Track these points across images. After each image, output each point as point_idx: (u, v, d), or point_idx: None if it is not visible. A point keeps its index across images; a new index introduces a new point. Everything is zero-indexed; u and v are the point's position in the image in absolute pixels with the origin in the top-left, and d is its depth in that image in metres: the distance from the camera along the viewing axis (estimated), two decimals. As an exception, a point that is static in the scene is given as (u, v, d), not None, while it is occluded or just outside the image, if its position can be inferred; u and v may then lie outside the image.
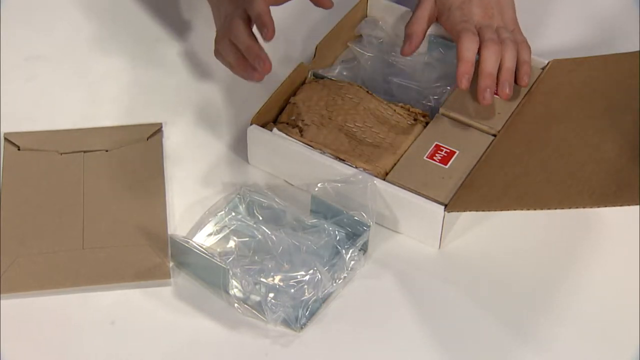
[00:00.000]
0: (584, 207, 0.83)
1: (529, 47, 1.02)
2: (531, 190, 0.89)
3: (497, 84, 0.99)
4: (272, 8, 1.08)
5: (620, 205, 0.81)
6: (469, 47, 0.98)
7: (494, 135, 0.99)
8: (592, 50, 1.06)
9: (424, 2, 1.05)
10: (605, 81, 1.00)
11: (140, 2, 1.18)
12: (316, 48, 1.04)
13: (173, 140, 1.03)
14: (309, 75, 1.04)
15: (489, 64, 0.98)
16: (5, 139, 1.02)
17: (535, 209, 0.86)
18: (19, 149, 1.01)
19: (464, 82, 0.98)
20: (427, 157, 0.97)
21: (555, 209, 0.85)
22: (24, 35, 1.14)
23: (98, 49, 1.13)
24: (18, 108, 1.06)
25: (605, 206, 0.82)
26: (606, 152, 0.89)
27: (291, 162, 0.97)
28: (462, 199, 0.92)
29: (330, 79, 1.04)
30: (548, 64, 1.05)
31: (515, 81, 1.01)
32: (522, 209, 0.87)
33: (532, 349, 0.88)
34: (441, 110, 1.01)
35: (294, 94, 1.02)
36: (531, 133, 0.97)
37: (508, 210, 0.88)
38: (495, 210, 0.90)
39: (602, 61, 1.03)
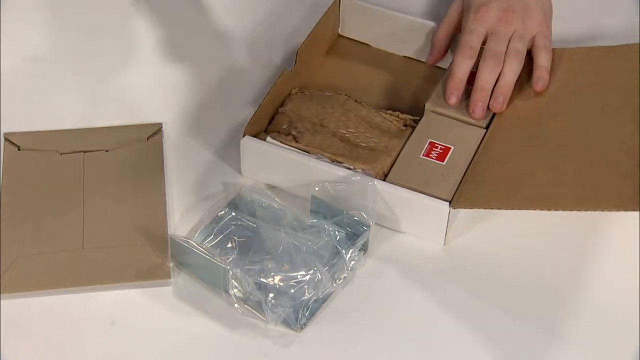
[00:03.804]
0: (601, 210, 0.84)
1: (549, 53, 1.01)
2: (542, 191, 0.89)
3: (490, 96, 0.99)
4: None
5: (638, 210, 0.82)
6: (460, 65, 0.99)
7: (486, 128, 0.99)
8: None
9: (451, 7, 1.06)
10: (599, 74, 1.00)
11: (141, 3, 1.18)
12: (297, 54, 1.04)
13: (173, 141, 1.03)
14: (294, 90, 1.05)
15: (483, 78, 0.99)
16: (5, 139, 1.02)
17: (549, 210, 0.86)
18: (19, 149, 1.01)
19: (452, 99, 0.99)
20: (423, 155, 0.97)
21: (571, 210, 0.85)
22: (24, 35, 1.14)
23: (98, 48, 1.13)
24: (18, 108, 1.06)
25: (626, 210, 0.82)
26: (614, 154, 0.89)
27: (288, 170, 0.97)
28: (467, 195, 0.92)
29: (317, 90, 1.04)
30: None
31: (533, 86, 1.00)
32: (534, 209, 0.87)
33: (538, 346, 0.88)
34: (427, 105, 1.01)
35: (282, 104, 1.02)
36: (528, 128, 0.97)
37: (519, 209, 0.89)
38: (506, 209, 0.90)
39: (584, 53, 1.03)
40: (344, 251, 0.91)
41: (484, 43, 1.01)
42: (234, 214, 0.95)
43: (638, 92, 0.94)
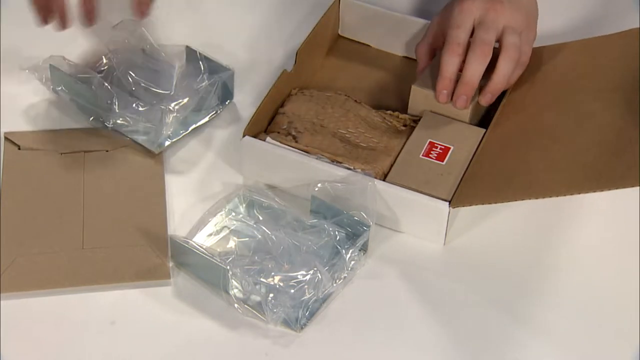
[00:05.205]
0: (593, 192, 0.84)
1: (524, 62, 1.00)
2: (536, 179, 0.89)
3: (480, 90, 0.98)
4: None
5: (631, 187, 0.81)
6: (448, 64, 0.97)
7: (485, 128, 0.99)
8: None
9: (433, 19, 1.04)
10: (589, 65, 1.00)
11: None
12: (297, 54, 1.04)
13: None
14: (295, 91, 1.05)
15: (470, 72, 0.96)
16: (6, 138, 1.02)
17: (543, 197, 0.86)
18: (19, 149, 1.01)
19: (442, 97, 0.98)
20: (423, 156, 0.97)
21: (564, 195, 0.85)
22: (24, 34, 1.14)
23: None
24: (18, 108, 1.06)
25: (615, 189, 0.82)
26: (605, 135, 0.89)
27: (288, 170, 0.97)
28: (465, 193, 0.92)
29: (317, 90, 1.04)
30: None
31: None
32: (529, 199, 0.87)
33: (542, 345, 0.88)
34: (413, 87, 1.00)
35: (282, 105, 1.02)
36: (524, 122, 0.98)
37: (515, 200, 0.89)
38: (502, 202, 0.90)
39: (581, 46, 1.03)
40: (344, 251, 0.91)
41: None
42: (234, 214, 0.95)
43: (631, 74, 0.95)
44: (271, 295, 0.88)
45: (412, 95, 1.01)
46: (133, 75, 1.03)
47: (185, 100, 1.01)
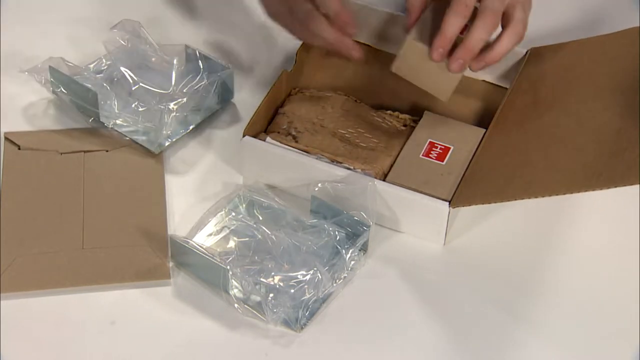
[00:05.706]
0: (593, 190, 0.84)
1: (520, 31, 0.97)
2: (536, 178, 0.89)
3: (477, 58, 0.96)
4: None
5: (631, 185, 0.81)
6: (452, 24, 0.93)
7: (485, 128, 0.99)
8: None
9: None
10: (589, 65, 1.00)
11: (141, 5, 1.18)
12: (297, 54, 1.04)
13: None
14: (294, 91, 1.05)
15: (474, 38, 0.93)
16: (6, 138, 1.02)
17: (543, 197, 0.86)
18: (19, 149, 1.01)
19: (436, 55, 0.94)
20: (423, 155, 0.97)
21: (564, 194, 0.85)
22: (24, 34, 1.14)
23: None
24: (18, 108, 1.06)
25: (615, 187, 0.82)
26: (605, 135, 0.89)
27: (288, 170, 0.97)
28: (465, 193, 0.92)
29: (317, 90, 1.04)
30: (527, 52, 1.05)
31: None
32: (529, 198, 0.87)
33: (542, 345, 0.88)
34: (408, 38, 0.97)
35: (282, 105, 1.02)
36: (524, 122, 0.98)
37: (515, 200, 0.89)
38: (502, 202, 0.90)
39: (580, 45, 1.03)
40: (344, 251, 0.91)
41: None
42: (234, 214, 0.95)
43: (631, 74, 0.95)
44: (271, 295, 0.88)
45: (405, 48, 0.97)
46: (133, 75, 1.03)
47: (185, 99, 1.01)
